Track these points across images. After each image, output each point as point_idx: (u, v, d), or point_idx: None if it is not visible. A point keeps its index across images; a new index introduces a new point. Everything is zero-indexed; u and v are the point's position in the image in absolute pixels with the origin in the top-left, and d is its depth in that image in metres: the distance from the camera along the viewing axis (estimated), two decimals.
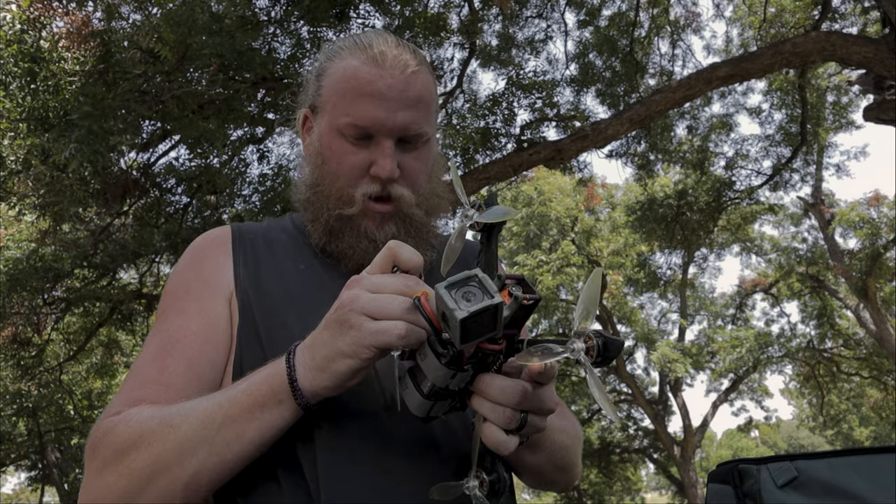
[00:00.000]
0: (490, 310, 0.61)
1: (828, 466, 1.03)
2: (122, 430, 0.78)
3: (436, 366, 0.67)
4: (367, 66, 0.92)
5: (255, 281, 0.93)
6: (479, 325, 0.62)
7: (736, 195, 11.37)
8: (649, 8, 9.82)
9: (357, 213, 0.94)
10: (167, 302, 0.94)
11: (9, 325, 7.63)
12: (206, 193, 7.11)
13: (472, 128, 7.59)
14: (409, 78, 0.93)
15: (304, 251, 0.99)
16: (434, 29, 6.91)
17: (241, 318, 0.90)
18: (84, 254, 7.17)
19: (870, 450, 1.05)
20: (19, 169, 5.57)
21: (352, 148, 0.93)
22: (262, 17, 6.12)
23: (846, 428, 25.27)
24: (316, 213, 0.96)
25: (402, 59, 0.93)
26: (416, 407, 0.71)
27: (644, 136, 9.50)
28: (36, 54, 5.01)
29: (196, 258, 0.97)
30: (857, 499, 0.98)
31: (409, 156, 0.95)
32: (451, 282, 0.63)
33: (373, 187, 0.93)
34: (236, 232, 1.00)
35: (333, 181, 0.94)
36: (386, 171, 0.91)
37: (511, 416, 0.69)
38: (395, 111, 0.91)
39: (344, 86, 0.93)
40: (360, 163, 0.93)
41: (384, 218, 0.94)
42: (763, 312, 18.14)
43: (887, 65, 6.01)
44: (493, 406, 0.69)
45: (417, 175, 0.96)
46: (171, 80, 5.33)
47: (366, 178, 0.93)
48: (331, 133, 0.95)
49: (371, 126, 0.91)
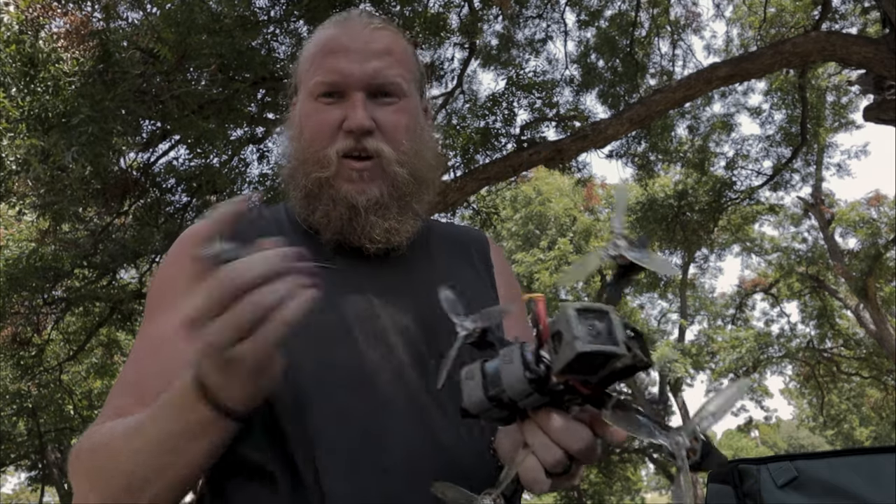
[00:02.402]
0: (608, 356, 0.57)
1: (828, 466, 1.02)
2: (84, 457, 0.79)
3: (518, 377, 0.61)
4: (331, 29, 0.94)
5: None
6: (587, 364, 0.57)
7: (736, 195, 11.38)
8: (649, 8, 9.82)
9: (333, 174, 0.89)
10: (152, 300, 0.92)
11: (9, 325, 7.63)
12: (206, 193, 7.10)
13: (472, 128, 7.59)
14: (374, 31, 0.93)
15: (297, 239, 0.93)
16: (434, 29, 6.90)
17: None
18: (84, 254, 7.17)
19: (870, 450, 1.04)
20: (19, 169, 5.57)
21: (324, 108, 0.91)
22: (261, 16, 6.12)
23: (846, 428, 25.26)
24: (295, 182, 0.93)
25: (366, 19, 0.94)
26: (473, 403, 0.65)
27: (644, 136, 9.50)
28: (34, 55, 5.01)
29: (182, 253, 0.94)
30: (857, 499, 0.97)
31: (386, 109, 0.91)
32: (583, 307, 0.58)
33: (346, 142, 0.89)
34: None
35: (309, 145, 0.91)
36: (356, 121, 0.88)
37: (561, 460, 0.63)
38: (361, 61, 0.90)
39: (313, 51, 0.94)
40: (333, 120, 0.90)
41: (363, 179, 0.89)
42: (763, 312, 18.16)
43: (887, 65, 6.00)
44: (548, 444, 0.63)
45: (396, 129, 0.91)
46: (171, 80, 5.32)
47: (339, 135, 0.90)
48: (306, 101, 0.93)
49: (338, 79, 0.90)
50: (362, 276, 0.90)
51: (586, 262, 0.67)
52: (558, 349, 0.58)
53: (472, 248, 1.05)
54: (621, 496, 25.14)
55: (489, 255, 1.06)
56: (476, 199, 10.09)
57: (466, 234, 1.09)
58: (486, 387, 0.64)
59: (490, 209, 11.07)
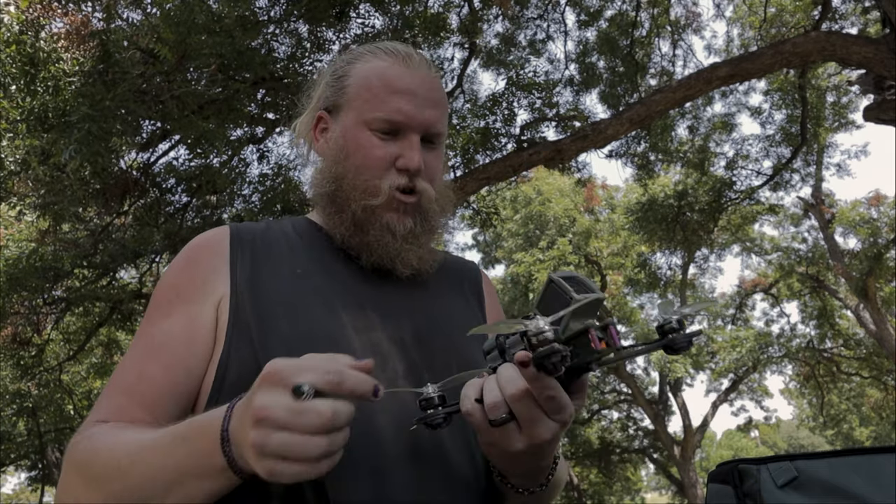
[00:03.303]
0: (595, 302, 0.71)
1: (828, 466, 1.02)
2: (83, 458, 0.80)
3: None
4: (397, 66, 0.99)
5: (251, 283, 0.92)
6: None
7: (736, 195, 11.37)
8: (649, 8, 9.82)
9: (382, 204, 0.96)
10: (156, 302, 0.94)
11: (9, 325, 7.63)
12: (206, 193, 7.11)
13: (472, 128, 7.59)
14: (434, 80, 1.01)
15: (302, 254, 0.99)
16: (434, 29, 6.90)
17: (232, 319, 0.89)
18: (84, 253, 7.17)
19: (870, 450, 1.04)
20: (19, 169, 5.57)
21: (379, 142, 0.97)
22: (261, 16, 6.12)
23: (846, 428, 25.27)
24: (341, 206, 0.98)
25: (426, 63, 1.01)
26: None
27: (644, 136, 9.50)
28: (35, 55, 5.01)
29: (191, 259, 0.96)
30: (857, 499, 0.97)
31: (430, 154, 1.00)
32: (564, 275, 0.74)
33: (400, 179, 0.96)
34: (234, 233, 0.99)
35: (359, 173, 0.97)
36: (415, 162, 0.95)
37: (498, 403, 0.72)
38: (424, 108, 0.97)
39: (375, 83, 0.98)
40: (388, 156, 0.96)
41: (405, 211, 0.97)
42: (763, 312, 18.15)
43: (887, 65, 6.00)
44: (493, 389, 0.73)
45: (435, 173, 1.01)
46: (171, 80, 5.32)
47: (392, 170, 0.96)
48: (357, 128, 0.98)
49: (403, 120, 0.96)
50: (362, 294, 0.96)
51: (507, 325, 0.73)
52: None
53: (464, 278, 1.13)
54: (621, 496, 25.15)
55: (481, 285, 1.15)
56: (476, 199, 10.10)
57: (461, 264, 1.17)
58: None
59: (490, 209, 11.07)
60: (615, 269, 16.22)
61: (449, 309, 1.04)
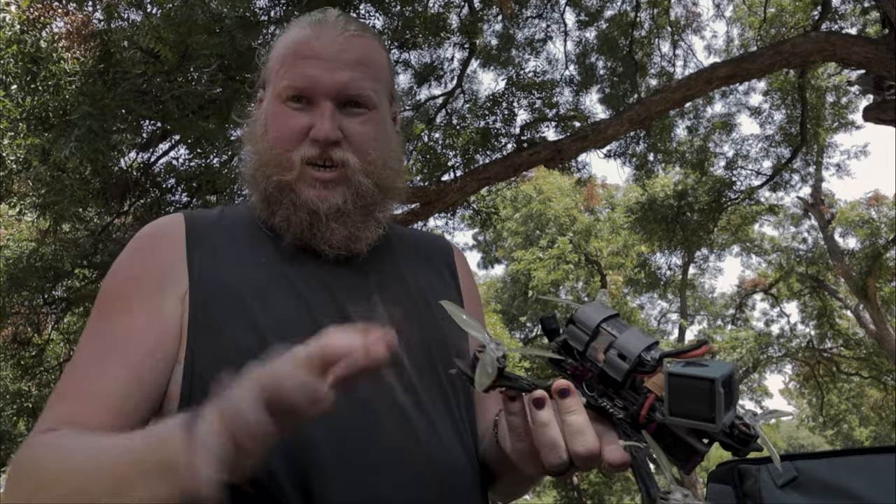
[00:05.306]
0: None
1: (828, 466, 1.03)
2: (43, 470, 0.70)
3: (638, 338, 0.70)
4: (305, 31, 0.93)
5: (212, 274, 0.87)
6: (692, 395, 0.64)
7: (736, 195, 11.37)
8: (649, 8, 9.82)
9: (295, 178, 0.89)
10: (111, 295, 0.87)
11: (9, 325, 7.64)
12: (206, 193, 7.10)
13: (472, 128, 7.60)
14: (349, 39, 0.92)
15: (262, 241, 0.93)
16: (434, 29, 6.91)
17: (194, 315, 0.84)
18: (84, 253, 7.16)
19: (870, 450, 1.05)
20: (19, 169, 5.57)
21: (291, 112, 0.90)
22: (261, 16, 6.12)
23: (846, 428, 25.25)
24: (256, 184, 0.93)
25: (341, 24, 0.93)
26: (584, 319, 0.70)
27: (644, 136, 9.50)
28: (35, 54, 5.01)
29: (147, 249, 0.90)
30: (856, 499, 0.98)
31: (354, 120, 0.91)
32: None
33: (311, 150, 0.89)
34: (189, 221, 0.92)
35: (272, 147, 0.91)
36: (323, 131, 0.88)
37: (563, 461, 0.68)
38: (333, 70, 0.89)
39: (284, 52, 0.93)
40: (299, 126, 0.90)
41: (326, 186, 0.90)
42: (763, 313, 18.15)
43: (887, 65, 6.00)
44: (557, 440, 0.68)
45: (363, 140, 0.91)
46: (171, 80, 5.33)
47: (305, 141, 0.90)
48: (273, 101, 0.93)
49: (308, 86, 0.89)
50: (328, 279, 0.91)
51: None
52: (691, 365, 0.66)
53: (436, 256, 1.06)
54: (621, 496, 25.13)
55: (454, 263, 1.08)
56: (476, 199, 10.10)
57: (432, 241, 1.11)
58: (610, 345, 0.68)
59: (490, 209, 11.07)
60: (615, 268, 16.22)
61: (419, 289, 0.97)
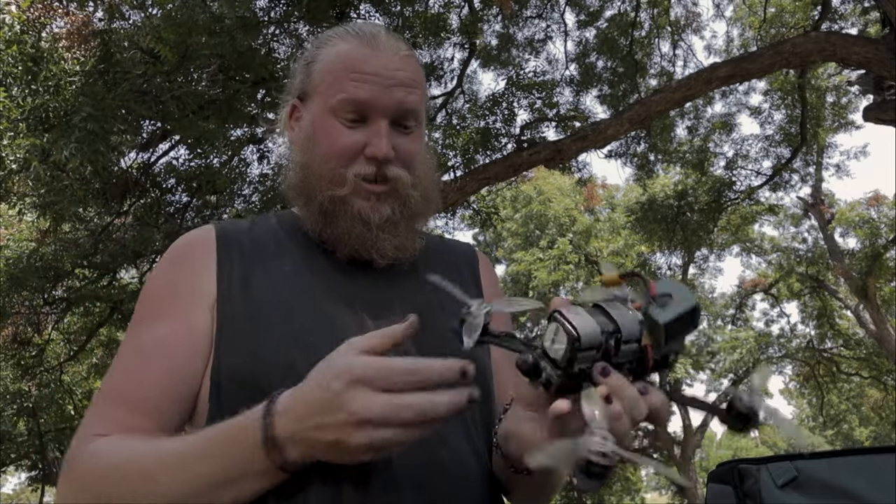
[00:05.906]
0: (694, 317, 0.64)
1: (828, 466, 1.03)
2: (100, 476, 0.76)
3: (633, 321, 0.64)
4: (361, 48, 0.93)
5: (241, 284, 0.89)
6: (679, 326, 0.63)
7: (736, 195, 11.37)
8: (649, 8, 9.82)
9: (349, 194, 0.91)
10: (148, 304, 0.90)
11: (9, 325, 7.64)
12: (206, 193, 7.11)
13: (472, 128, 7.61)
14: (403, 59, 0.94)
15: (289, 251, 0.95)
16: (434, 29, 6.92)
17: (223, 324, 0.87)
18: (84, 253, 7.17)
19: (870, 450, 1.05)
20: (19, 169, 5.57)
21: (345, 129, 0.92)
22: (262, 17, 6.12)
23: (846, 428, 25.27)
24: (308, 196, 0.94)
25: (394, 43, 0.95)
26: (587, 333, 0.62)
27: (644, 136, 9.50)
28: (36, 55, 5.01)
29: (179, 260, 0.93)
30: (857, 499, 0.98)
31: (404, 138, 0.94)
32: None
33: (367, 168, 0.91)
34: (220, 233, 0.95)
35: (325, 162, 0.92)
36: (382, 151, 0.90)
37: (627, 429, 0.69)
38: (390, 89, 0.91)
39: (338, 66, 0.93)
40: (354, 144, 0.91)
41: (378, 198, 0.92)
42: (763, 313, 18.15)
43: (887, 65, 6.00)
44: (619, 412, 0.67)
45: (413, 157, 0.94)
46: (171, 80, 5.33)
47: (359, 159, 0.91)
48: (323, 114, 0.93)
49: (366, 103, 0.90)
50: (361, 287, 0.93)
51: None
52: (666, 305, 0.62)
53: (461, 263, 1.08)
54: (621, 496, 25.13)
55: (478, 269, 1.09)
56: (476, 199, 10.10)
57: (457, 248, 1.12)
58: (601, 324, 0.63)
59: (490, 209, 11.07)
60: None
61: (440, 297, 0.96)
